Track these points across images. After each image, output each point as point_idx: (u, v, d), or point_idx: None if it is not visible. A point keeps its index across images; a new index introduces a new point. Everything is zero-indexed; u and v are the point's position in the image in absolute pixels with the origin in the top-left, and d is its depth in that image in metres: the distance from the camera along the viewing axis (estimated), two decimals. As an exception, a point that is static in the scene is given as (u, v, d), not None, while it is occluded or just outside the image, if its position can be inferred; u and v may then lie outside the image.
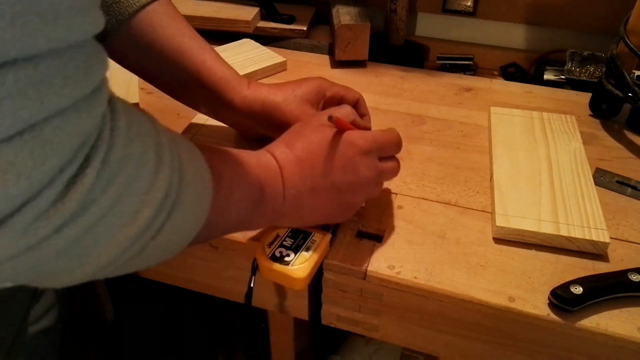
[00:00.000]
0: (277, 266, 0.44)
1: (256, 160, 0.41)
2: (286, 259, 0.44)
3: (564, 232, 0.47)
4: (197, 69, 0.53)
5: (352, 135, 0.44)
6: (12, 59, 0.19)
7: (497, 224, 0.49)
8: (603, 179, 0.57)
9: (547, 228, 0.48)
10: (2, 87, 0.19)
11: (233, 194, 0.37)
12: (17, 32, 0.18)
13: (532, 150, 0.59)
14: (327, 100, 0.55)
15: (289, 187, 0.42)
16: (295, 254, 0.45)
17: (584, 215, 0.49)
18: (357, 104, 0.55)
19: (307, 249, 0.45)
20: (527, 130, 0.62)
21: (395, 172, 0.49)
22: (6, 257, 0.22)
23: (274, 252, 0.45)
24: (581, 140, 0.60)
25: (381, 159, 0.47)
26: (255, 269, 0.46)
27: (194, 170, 0.32)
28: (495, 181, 0.54)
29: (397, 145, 0.48)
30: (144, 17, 0.51)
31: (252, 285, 0.46)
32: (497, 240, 0.49)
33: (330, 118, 0.42)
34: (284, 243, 0.46)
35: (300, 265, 0.44)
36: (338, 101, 0.55)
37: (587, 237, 0.47)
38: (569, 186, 0.53)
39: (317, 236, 0.46)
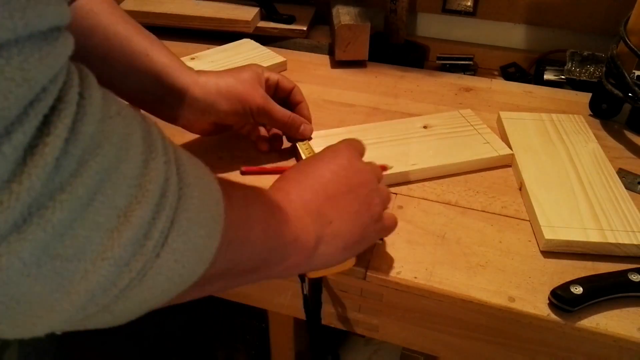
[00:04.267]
0: None
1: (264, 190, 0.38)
2: None
3: (611, 239, 0.46)
4: (144, 54, 0.50)
5: (341, 143, 0.44)
6: None
7: (546, 237, 0.47)
8: (625, 179, 0.56)
9: (594, 237, 0.47)
10: None
11: (250, 209, 0.32)
12: None
13: (554, 154, 0.58)
14: (265, 83, 0.56)
15: (307, 203, 0.38)
16: None
17: (624, 219, 0.49)
18: (293, 92, 0.58)
19: None
20: (542, 133, 0.62)
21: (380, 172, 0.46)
22: None
23: None
24: (596, 140, 0.60)
25: None
26: (303, 275, 0.44)
27: (195, 171, 0.27)
28: (529, 190, 0.52)
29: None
30: (85, 3, 0.49)
31: (305, 292, 0.45)
32: (546, 254, 0.47)
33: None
34: None
35: None
36: (275, 86, 0.57)
37: (635, 242, 0.46)
38: (599, 189, 0.52)
39: None
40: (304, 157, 0.56)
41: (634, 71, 0.64)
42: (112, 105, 0.22)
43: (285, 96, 0.58)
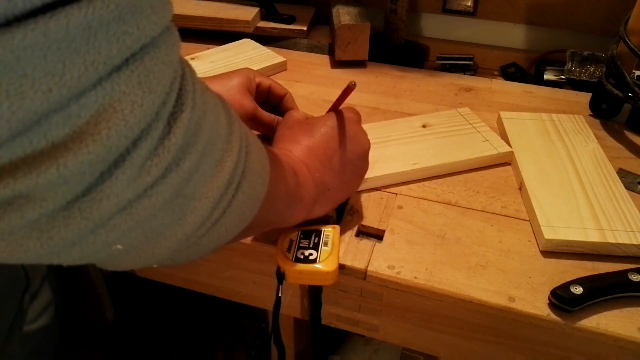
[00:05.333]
0: (306, 266, 0.44)
1: (278, 150, 0.43)
2: (311, 257, 0.45)
3: (611, 239, 0.47)
4: None
5: (345, 112, 0.48)
6: None
7: (546, 236, 0.47)
8: (625, 179, 0.56)
9: (594, 236, 0.47)
10: (107, 11, 0.19)
11: (276, 169, 0.37)
12: None
13: (554, 154, 0.58)
14: (256, 88, 0.55)
15: (313, 171, 0.43)
16: (317, 251, 0.45)
17: (624, 219, 0.49)
18: (285, 99, 0.56)
19: (325, 244, 0.46)
20: (542, 133, 0.62)
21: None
22: (123, 204, 0.23)
23: (296, 254, 0.45)
24: (596, 140, 0.60)
25: None
26: (281, 276, 0.45)
27: (251, 132, 0.33)
28: (529, 190, 0.53)
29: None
30: None
31: (280, 294, 0.45)
32: (546, 254, 0.48)
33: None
34: (301, 245, 0.46)
35: (326, 259, 0.44)
36: (266, 91, 0.56)
37: (635, 242, 0.46)
38: (599, 189, 0.52)
39: (327, 231, 0.47)
40: None
41: (634, 71, 0.65)
42: (202, 81, 0.27)
43: (276, 103, 0.57)
